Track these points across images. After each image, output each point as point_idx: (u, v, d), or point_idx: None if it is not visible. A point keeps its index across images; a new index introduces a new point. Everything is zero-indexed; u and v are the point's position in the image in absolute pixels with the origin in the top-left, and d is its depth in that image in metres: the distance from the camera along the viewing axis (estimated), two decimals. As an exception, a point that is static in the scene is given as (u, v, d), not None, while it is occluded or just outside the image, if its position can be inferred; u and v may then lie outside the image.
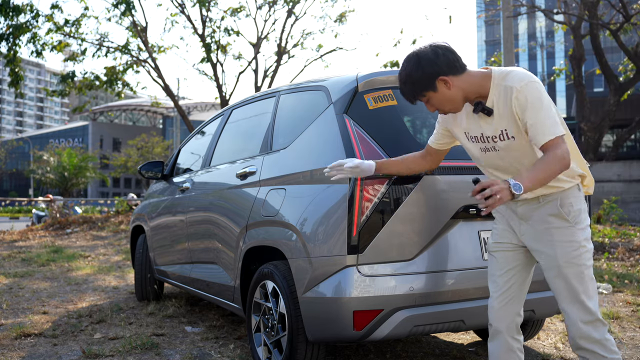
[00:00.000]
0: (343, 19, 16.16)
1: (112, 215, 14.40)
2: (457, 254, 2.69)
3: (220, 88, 15.24)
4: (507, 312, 2.34)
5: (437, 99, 2.18)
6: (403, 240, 2.60)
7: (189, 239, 4.16)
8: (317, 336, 2.71)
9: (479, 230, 2.76)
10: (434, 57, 2.12)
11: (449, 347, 3.71)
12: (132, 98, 69.50)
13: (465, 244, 2.72)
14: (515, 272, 2.34)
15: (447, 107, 2.20)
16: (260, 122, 3.64)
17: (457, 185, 2.71)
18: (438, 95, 2.16)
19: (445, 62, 2.12)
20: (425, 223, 2.64)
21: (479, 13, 19.62)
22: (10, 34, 13.10)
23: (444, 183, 2.69)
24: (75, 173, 35.66)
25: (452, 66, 2.13)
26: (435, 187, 2.67)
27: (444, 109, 2.22)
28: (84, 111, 19.24)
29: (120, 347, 3.68)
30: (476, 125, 2.24)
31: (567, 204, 2.19)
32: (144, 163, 5.06)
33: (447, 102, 2.18)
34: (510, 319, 2.34)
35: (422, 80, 2.14)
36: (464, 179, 2.72)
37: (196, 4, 14.46)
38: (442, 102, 2.19)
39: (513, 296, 2.34)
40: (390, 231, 2.58)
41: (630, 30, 12.97)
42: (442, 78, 2.12)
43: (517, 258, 2.34)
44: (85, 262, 8.06)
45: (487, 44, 56.79)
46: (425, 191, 2.64)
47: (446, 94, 2.15)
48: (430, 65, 2.12)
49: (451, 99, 2.17)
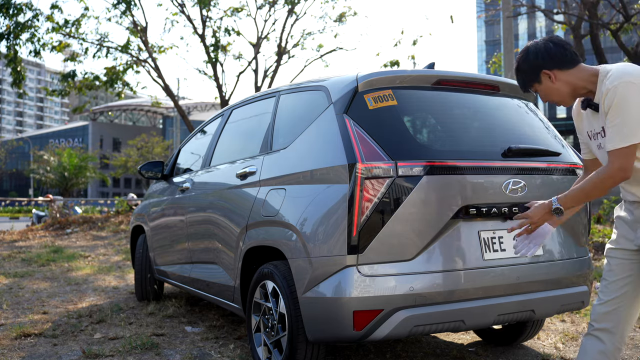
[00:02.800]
0: (343, 19, 16.15)
1: (112, 215, 14.40)
2: (457, 254, 2.68)
3: (220, 88, 15.23)
4: (613, 317, 2.24)
5: (542, 90, 2.24)
6: (403, 240, 2.60)
7: (189, 239, 4.16)
8: (317, 336, 2.71)
9: (479, 230, 2.76)
10: (542, 51, 2.19)
11: (449, 347, 3.71)
12: (132, 98, 69.47)
13: (466, 244, 2.71)
14: (628, 281, 2.23)
15: (554, 98, 2.26)
16: (260, 122, 3.63)
17: (458, 185, 2.71)
18: (543, 87, 2.23)
19: (552, 56, 2.18)
20: (425, 223, 2.63)
21: (479, 13, 19.63)
22: (10, 33, 13.09)
23: (444, 183, 2.69)
24: (75, 173, 35.66)
25: (559, 60, 2.17)
26: (436, 187, 2.66)
27: (552, 100, 2.28)
28: (84, 111, 19.23)
29: (120, 347, 3.68)
30: (591, 122, 2.25)
31: None
32: (144, 163, 5.05)
33: (553, 95, 2.24)
34: (614, 324, 2.23)
35: (528, 72, 2.22)
36: (464, 179, 2.72)
37: (196, 3, 14.45)
38: (547, 94, 2.24)
39: (621, 305, 2.23)
40: (391, 231, 2.57)
41: (630, 30, 12.97)
42: (546, 72, 2.18)
43: (632, 268, 2.22)
44: (85, 262, 8.06)
45: (487, 44, 56.78)
46: (425, 191, 2.63)
47: (550, 86, 2.21)
48: (535, 58, 2.19)
49: (557, 92, 2.22)
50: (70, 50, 14.69)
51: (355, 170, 2.57)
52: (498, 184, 2.79)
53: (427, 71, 3.03)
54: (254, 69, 15.71)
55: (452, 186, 2.70)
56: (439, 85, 3.00)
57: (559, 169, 3.04)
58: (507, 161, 2.86)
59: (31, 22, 13.37)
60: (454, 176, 2.71)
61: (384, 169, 2.59)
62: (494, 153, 2.86)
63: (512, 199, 2.81)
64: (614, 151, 2.03)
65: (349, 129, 2.71)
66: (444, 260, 2.65)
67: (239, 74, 15.72)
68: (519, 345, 3.74)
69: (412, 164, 2.63)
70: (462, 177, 2.72)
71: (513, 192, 2.81)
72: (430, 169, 2.64)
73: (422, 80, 2.96)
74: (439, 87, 3.00)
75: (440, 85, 3.00)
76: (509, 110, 3.20)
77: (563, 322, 4.35)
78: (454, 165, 2.72)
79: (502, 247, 2.79)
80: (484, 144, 2.93)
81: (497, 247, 2.78)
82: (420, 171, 2.63)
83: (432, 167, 2.65)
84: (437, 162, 2.67)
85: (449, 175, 2.70)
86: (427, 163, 2.64)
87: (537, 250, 2.50)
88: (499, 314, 2.78)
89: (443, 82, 3.01)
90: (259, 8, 15.55)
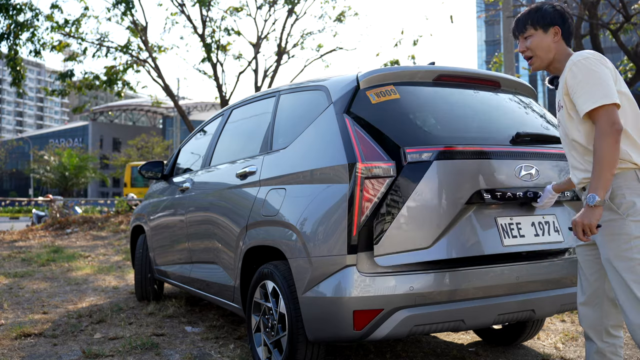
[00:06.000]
0: (342, 18, 16.15)
1: (112, 215, 14.40)
2: (475, 240, 2.63)
3: (220, 88, 15.24)
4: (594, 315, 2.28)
5: (538, 40, 2.36)
6: (418, 227, 2.56)
7: (189, 239, 4.16)
8: (317, 336, 2.71)
9: (496, 217, 2.71)
10: (568, 15, 2.37)
11: (449, 347, 3.71)
12: (132, 98, 69.45)
13: (483, 230, 2.66)
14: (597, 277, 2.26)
15: (538, 52, 2.36)
16: (260, 122, 3.63)
17: (469, 170, 2.66)
18: (540, 37, 2.35)
19: (569, 25, 2.36)
20: (439, 209, 2.58)
21: (479, 13, 19.61)
22: (10, 33, 13.10)
23: (456, 168, 2.64)
24: (75, 173, 35.67)
25: (569, 32, 2.37)
26: (447, 172, 2.62)
27: (534, 54, 2.37)
28: (84, 111, 19.22)
29: (120, 347, 3.68)
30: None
31: (619, 195, 2.14)
32: (144, 163, 5.06)
33: (542, 50, 2.35)
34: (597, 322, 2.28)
35: (546, 16, 2.35)
36: (475, 164, 2.67)
37: (196, 3, 14.45)
38: (538, 46, 2.36)
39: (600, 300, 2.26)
40: (405, 219, 2.54)
41: (630, 30, 12.96)
42: (557, 29, 2.34)
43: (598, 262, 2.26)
44: (85, 262, 8.05)
45: (487, 44, 56.80)
46: (437, 176, 2.59)
47: (547, 43, 2.35)
48: (559, 12, 2.36)
49: (547, 50, 2.35)
50: (70, 50, 14.70)
51: (355, 170, 2.57)
52: (509, 169, 2.75)
53: (428, 67, 3.04)
54: (254, 69, 15.72)
55: (464, 171, 2.66)
56: (440, 80, 3.01)
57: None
58: (516, 147, 2.83)
59: (31, 22, 13.37)
60: (465, 161, 2.67)
61: (384, 168, 2.58)
62: (502, 140, 2.84)
63: (526, 184, 2.77)
64: (594, 111, 2.13)
65: (349, 129, 2.70)
66: (462, 247, 2.60)
67: (239, 74, 15.72)
68: (519, 345, 3.74)
69: (422, 149, 2.60)
70: (473, 161, 2.68)
71: (526, 178, 2.77)
72: (440, 154, 2.61)
73: (424, 76, 2.98)
74: (441, 82, 3.01)
75: (442, 81, 3.02)
76: (512, 103, 3.19)
77: (563, 322, 4.35)
78: (464, 150, 2.68)
79: (520, 233, 2.75)
80: (490, 132, 2.91)
81: (516, 234, 2.73)
82: (430, 157, 2.59)
83: (442, 152, 2.61)
84: (447, 147, 2.64)
85: (460, 160, 2.66)
86: (436, 148, 2.61)
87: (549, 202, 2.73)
88: (499, 313, 2.78)
89: (444, 78, 3.02)
90: (259, 8, 15.56)
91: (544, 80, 43.18)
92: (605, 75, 2.15)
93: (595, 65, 2.16)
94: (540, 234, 2.80)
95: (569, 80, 2.22)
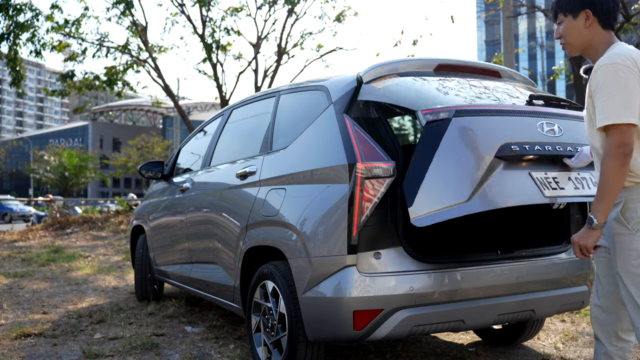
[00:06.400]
0: (341, 18, 16.14)
1: (112, 215, 14.40)
2: (515, 190, 2.50)
3: (220, 88, 15.23)
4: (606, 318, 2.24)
5: (568, 27, 2.19)
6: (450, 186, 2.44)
7: (189, 239, 4.16)
8: (317, 336, 2.71)
9: (530, 171, 2.56)
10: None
11: (449, 347, 3.71)
12: (132, 98, 69.43)
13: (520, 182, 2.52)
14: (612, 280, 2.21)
15: (569, 39, 2.20)
16: (260, 122, 3.64)
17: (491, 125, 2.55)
18: (571, 23, 2.18)
19: (604, 6, 2.13)
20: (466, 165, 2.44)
21: (479, 13, 19.61)
22: (10, 33, 13.10)
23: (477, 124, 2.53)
24: (75, 173, 35.68)
25: (605, 14, 2.14)
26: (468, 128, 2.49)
27: (565, 40, 2.22)
28: (84, 111, 19.22)
29: (120, 347, 3.68)
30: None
31: (630, 208, 2.07)
32: (144, 163, 5.06)
33: (572, 36, 2.19)
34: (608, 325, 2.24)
35: (572, 0, 2.16)
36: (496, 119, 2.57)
37: (196, 3, 14.44)
38: (569, 32, 2.19)
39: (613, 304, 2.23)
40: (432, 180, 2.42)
41: (630, 30, 12.95)
42: (588, 12, 2.13)
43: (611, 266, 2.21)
44: (85, 262, 8.06)
45: (487, 44, 56.76)
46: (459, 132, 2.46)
47: (578, 27, 2.16)
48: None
49: (578, 36, 2.18)
50: (70, 50, 14.69)
51: (355, 170, 2.57)
52: (531, 125, 2.63)
53: (428, 58, 3.07)
54: (254, 69, 15.71)
55: (486, 127, 2.54)
56: (441, 70, 3.03)
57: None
58: (534, 107, 2.76)
59: (31, 22, 13.37)
60: (485, 117, 2.56)
61: (384, 168, 2.59)
62: (517, 103, 2.79)
63: (552, 140, 2.62)
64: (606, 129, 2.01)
65: (349, 129, 2.71)
66: (502, 197, 2.45)
67: (239, 74, 15.71)
68: (519, 345, 3.74)
69: (438, 109, 2.51)
70: (493, 118, 2.57)
71: (550, 134, 2.63)
72: (458, 112, 2.51)
73: (425, 66, 3.01)
74: (442, 71, 3.03)
75: (443, 71, 3.03)
76: (515, 87, 3.15)
77: (563, 322, 4.35)
78: (482, 108, 2.59)
79: (559, 185, 2.61)
80: (503, 100, 2.83)
81: (555, 186, 2.59)
82: (448, 115, 2.49)
83: (460, 110, 2.52)
84: (464, 105, 2.57)
85: (480, 117, 2.56)
86: (453, 107, 2.53)
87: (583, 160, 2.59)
88: (499, 313, 2.78)
89: (444, 67, 3.04)
90: (259, 8, 15.55)
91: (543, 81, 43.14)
92: (630, 87, 1.98)
93: (621, 73, 1.99)
94: (579, 187, 2.66)
95: (592, 83, 2.08)
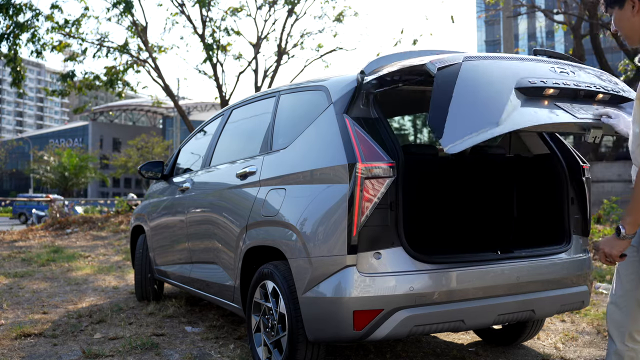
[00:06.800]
0: (341, 18, 16.14)
1: (112, 215, 14.40)
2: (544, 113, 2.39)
3: (220, 88, 15.23)
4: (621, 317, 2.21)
5: (618, 17, 2.15)
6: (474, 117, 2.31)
7: (189, 239, 4.16)
8: (317, 336, 2.71)
9: (555, 102, 2.46)
10: None
11: (449, 347, 3.71)
12: (132, 98, 69.37)
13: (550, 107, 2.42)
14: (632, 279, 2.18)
15: (624, 31, 2.16)
16: (260, 122, 3.64)
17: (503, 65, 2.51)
18: (620, 13, 2.13)
19: None
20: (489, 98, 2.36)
21: (479, 13, 19.63)
22: (10, 33, 13.10)
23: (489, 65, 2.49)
24: (75, 173, 35.70)
25: None
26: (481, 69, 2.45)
27: (621, 32, 2.18)
28: (84, 111, 19.21)
29: (120, 347, 3.68)
30: None
31: None
32: (144, 163, 5.06)
33: (625, 26, 2.14)
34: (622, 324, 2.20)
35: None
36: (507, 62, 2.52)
37: (196, 3, 14.45)
38: (620, 23, 2.15)
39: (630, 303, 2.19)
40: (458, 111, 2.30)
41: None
42: (633, 0, 2.08)
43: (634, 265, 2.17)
44: (85, 262, 8.05)
45: (487, 44, 56.76)
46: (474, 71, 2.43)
47: (627, 17, 2.11)
48: None
49: (630, 25, 2.12)
50: (71, 50, 14.70)
51: (355, 170, 2.57)
52: (544, 67, 2.59)
53: (428, 50, 3.02)
54: (254, 69, 15.72)
55: (499, 67, 2.50)
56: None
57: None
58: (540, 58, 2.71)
59: (31, 22, 13.37)
60: (496, 61, 2.53)
61: (384, 168, 2.59)
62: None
63: (567, 78, 2.56)
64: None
65: (349, 129, 2.71)
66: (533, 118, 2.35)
67: (239, 74, 15.72)
68: (519, 345, 3.74)
69: (446, 59, 2.46)
70: (505, 61, 2.53)
71: (564, 74, 2.58)
72: (467, 58, 2.46)
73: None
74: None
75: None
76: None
77: (563, 322, 4.35)
78: (491, 55, 2.56)
79: (589, 112, 2.48)
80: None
81: (584, 112, 2.47)
82: (457, 60, 2.44)
83: (469, 57, 2.48)
84: (472, 55, 2.52)
85: (491, 60, 2.52)
86: (461, 56, 2.49)
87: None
88: (499, 313, 2.78)
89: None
90: (259, 8, 15.56)
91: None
92: None
93: None
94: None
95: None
